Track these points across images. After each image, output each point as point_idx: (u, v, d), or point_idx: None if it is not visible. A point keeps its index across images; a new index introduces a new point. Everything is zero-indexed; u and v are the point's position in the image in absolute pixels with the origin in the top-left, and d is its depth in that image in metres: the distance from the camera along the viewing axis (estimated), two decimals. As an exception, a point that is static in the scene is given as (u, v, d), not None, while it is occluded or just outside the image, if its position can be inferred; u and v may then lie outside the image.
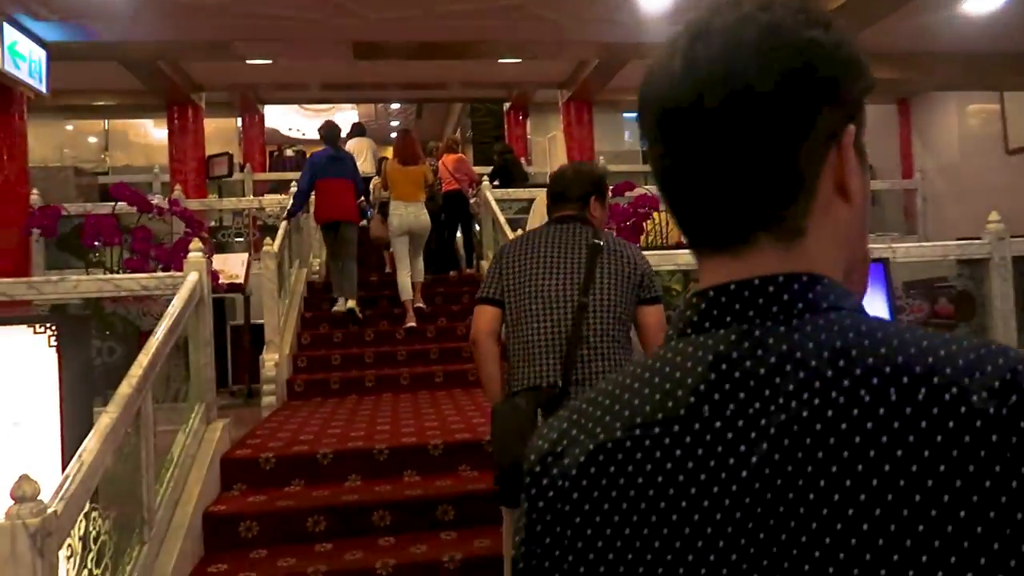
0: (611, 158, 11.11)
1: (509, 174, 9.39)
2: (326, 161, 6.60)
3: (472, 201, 8.94)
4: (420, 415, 4.90)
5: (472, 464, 3.94)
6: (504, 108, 13.55)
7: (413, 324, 6.81)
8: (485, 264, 8.28)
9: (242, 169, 11.19)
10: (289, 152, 12.80)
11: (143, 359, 3.00)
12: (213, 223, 8.92)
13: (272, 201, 8.20)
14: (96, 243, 3.88)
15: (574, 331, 2.21)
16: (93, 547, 2.45)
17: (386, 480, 3.81)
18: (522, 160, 10.79)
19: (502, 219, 7.30)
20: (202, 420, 3.80)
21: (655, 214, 6.48)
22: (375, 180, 8.27)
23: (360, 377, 6.14)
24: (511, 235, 6.85)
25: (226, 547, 3.37)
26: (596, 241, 2.31)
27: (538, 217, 6.98)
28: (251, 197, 8.71)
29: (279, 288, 6.45)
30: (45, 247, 6.79)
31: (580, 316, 2.22)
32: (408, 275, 6.87)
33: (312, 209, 7.12)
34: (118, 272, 4.01)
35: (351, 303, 6.83)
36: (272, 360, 5.92)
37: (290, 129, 15.62)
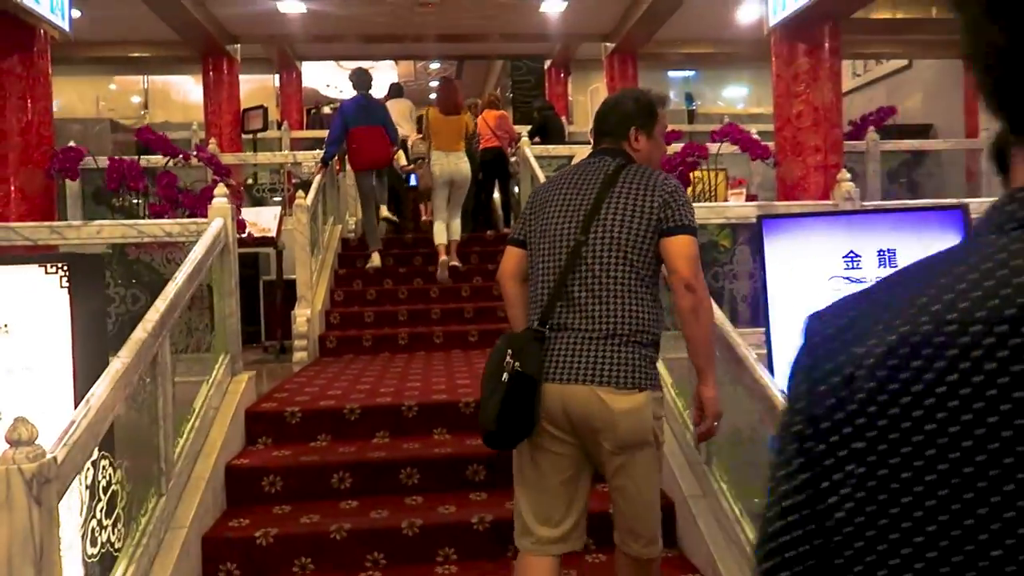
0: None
1: (548, 131, 9.13)
2: (357, 109, 6.55)
3: (512, 159, 8.72)
4: (452, 373, 4.74)
5: (505, 423, 3.77)
6: (545, 66, 13.20)
7: (445, 258, 6.67)
8: (523, 223, 8.05)
9: (279, 127, 11.08)
10: (327, 110, 12.63)
11: (160, 304, 2.86)
12: (249, 180, 8.83)
13: (308, 156, 8.06)
14: (120, 188, 3.74)
15: (564, 272, 2.02)
16: (102, 497, 2.33)
17: (415, 437, 3.65)
18: (563, 119, 10.47)
19: (541, 176, 7.05)
20: (227, 372, 3.68)
21: (701, 172, 6.18)
22: (413, 136, 8.15)
23: (393, 334, 6.01)
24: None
25: (248, 501, 3.26)
26: (611, 172, 2.06)
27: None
28: (286, 152, 8.57)
29: (312, 243, 6.33)
30: (82, 201, 6.76)
31: (574, 256, 2.01)
32: (444, 225, 6.80)
33: (348, 164, 7.12)
34: (144, 219, 3.88)
35: (384, 211, 7.13)
36: (304, 316, 5.81)
37: (328, 86, 15.42)
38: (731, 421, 2.82)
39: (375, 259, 6.90)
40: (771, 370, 2.58)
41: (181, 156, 4.09)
